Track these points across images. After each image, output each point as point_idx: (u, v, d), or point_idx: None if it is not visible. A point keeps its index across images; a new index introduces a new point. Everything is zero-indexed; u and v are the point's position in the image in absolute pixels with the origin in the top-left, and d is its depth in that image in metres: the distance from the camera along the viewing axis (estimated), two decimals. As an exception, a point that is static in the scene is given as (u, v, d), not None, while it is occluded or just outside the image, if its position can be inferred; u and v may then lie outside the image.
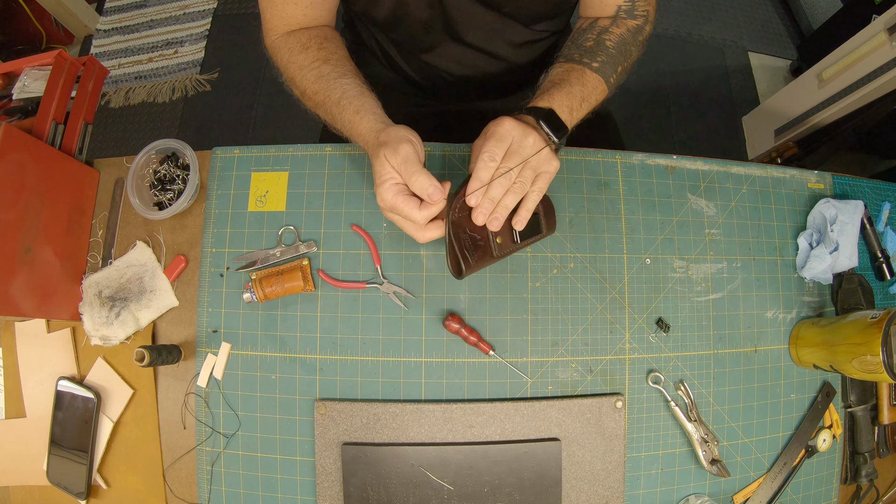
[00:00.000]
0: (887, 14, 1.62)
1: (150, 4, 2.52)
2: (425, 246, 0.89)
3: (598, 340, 0.89)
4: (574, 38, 0.88)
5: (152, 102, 2.36)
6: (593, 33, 0.86)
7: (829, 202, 0.95)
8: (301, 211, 0.91)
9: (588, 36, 0.86)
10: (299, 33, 0.87)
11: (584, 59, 0.83)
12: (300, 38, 0.86)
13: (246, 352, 0.87)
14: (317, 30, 0.88)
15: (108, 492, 0.89)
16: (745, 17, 2.61)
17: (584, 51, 0.84)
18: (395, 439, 0.84)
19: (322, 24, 0.90)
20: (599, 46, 0.84)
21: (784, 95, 2.11)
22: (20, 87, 0.97)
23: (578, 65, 0.83)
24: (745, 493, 0.90)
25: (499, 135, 0.70)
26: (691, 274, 0.92)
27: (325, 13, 0.89)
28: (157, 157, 0.94)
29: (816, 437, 0.92)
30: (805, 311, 0.96)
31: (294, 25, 0.87)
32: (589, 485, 0.86)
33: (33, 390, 0.92)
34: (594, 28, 0.87)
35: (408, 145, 0.68)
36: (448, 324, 0.85)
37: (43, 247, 0.84)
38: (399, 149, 0.67)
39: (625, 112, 2.32)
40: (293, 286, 0.86)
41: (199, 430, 0.87)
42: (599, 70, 0.83)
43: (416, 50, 1.01)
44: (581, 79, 0.81)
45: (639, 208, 0.93)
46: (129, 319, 0.88)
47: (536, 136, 0.71)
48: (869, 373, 0.80)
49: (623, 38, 0.86)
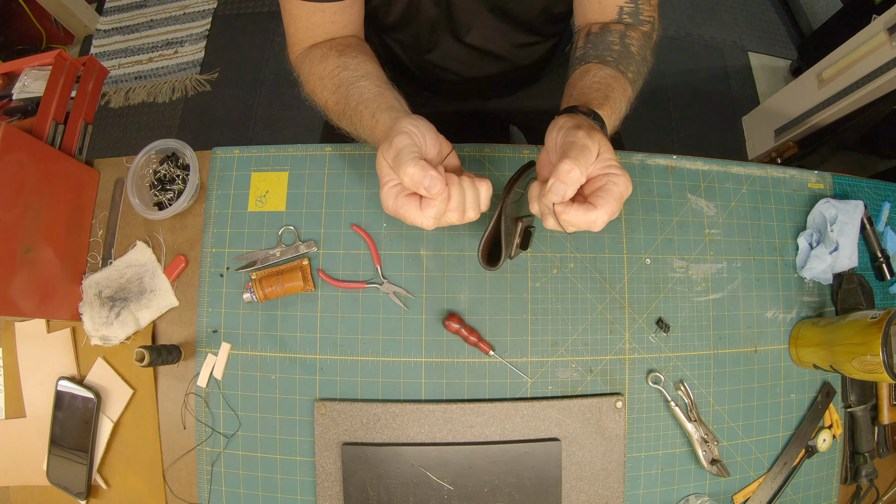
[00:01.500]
0: (887, 14, 1.62)
1: (150, 4, 2.52)
2: (425, 246, 0.89)
3: (598, 340, 0.89)
4: (599, 39, 0.80)
5: (152, 102, 2.36)
6: (614, 36, 0.79)
7: (828, 202, 0.95)
8: (301, 211, 0.91)
9: (612, 39, 0.79)
10: (322, 45, 0.81)
11: (621, 65, 0.76)
12: (322, 48, 0.81)
13: (246, 352, 0.87)
14: (340, 39, 0.82)
15: (108, 492, 0.89)
16: (745, 17, 2.61)
17: (618, 55, 0.77)
18: (395, 439, 0.84)
19: (350, 33, 0.84)
20: (628, 52, 0.78)
21: (784, 95, 2.11)
22: (20, 87, 0.97)
23: (622, 76, 0.75)
24: (746, 494, 0.90)
25: (580, 144, 0.56)
26: (691, 274, 0.92)
27: (353, 19, 0.83)
28: (157, 157, 0.94)
29: (816, 437, 0.92)
30: (805, 311, 0.96)
31: (321, 36, 0.82)
32: (589, 485, 0.86)
33: (33, 390, 0.92)
34: (610, 31, 0.80)
35: (403, 136, 0.59)
36: (448, 324, 0.85)
37: (43, 247, 0.84)
38: (393, 142, 0.58)
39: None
40: (293, 286, 0.86)
41: (199, 430, 0.87)
42: (632, 83, 0.76)
43: (420, 50, 1.00)
44: (625, 94, 0.74)
45: (639, 208, 0.93)
46: (128, 319, 0.88)
47: (614, 156, 0.59)
48: (869, 373, 0.80)
49: (643, 44, 0.80)
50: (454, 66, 1.03)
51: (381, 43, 1.06)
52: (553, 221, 0.59)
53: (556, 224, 0.60)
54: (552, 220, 0.59)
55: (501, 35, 0.96)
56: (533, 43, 1.01)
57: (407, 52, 1.04)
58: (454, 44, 0.97)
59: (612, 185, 0.57)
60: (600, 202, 0.56)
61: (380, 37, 1.04)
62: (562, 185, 0.55)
